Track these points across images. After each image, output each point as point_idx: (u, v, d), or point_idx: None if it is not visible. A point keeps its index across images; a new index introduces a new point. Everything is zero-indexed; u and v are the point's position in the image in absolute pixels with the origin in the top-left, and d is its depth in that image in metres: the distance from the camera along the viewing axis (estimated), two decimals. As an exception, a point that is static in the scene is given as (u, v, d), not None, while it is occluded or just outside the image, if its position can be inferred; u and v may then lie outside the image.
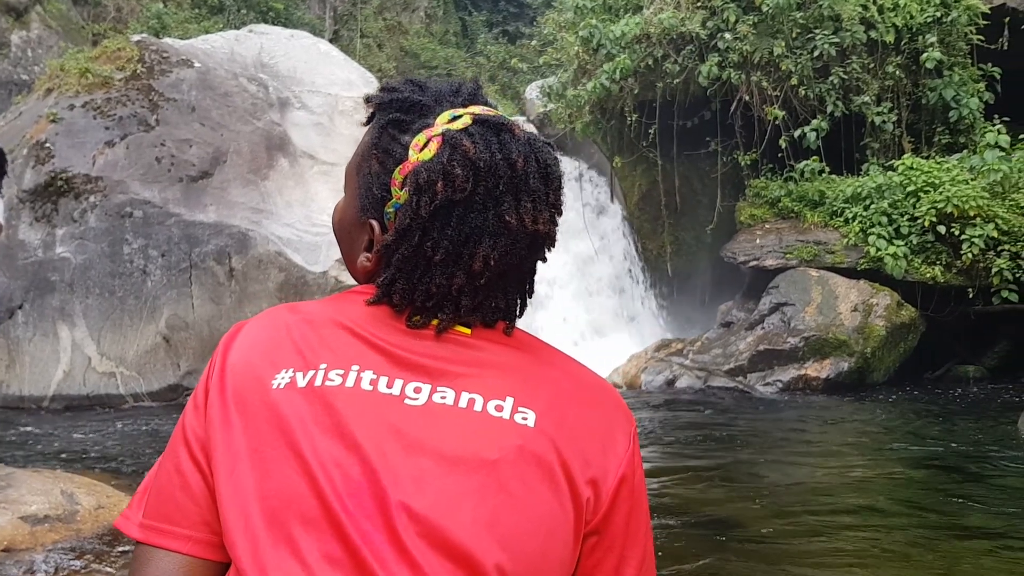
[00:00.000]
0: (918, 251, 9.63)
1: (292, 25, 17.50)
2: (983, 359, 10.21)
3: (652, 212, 12.64)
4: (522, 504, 0.88)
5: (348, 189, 1.08)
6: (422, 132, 0.98)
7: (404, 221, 0.95)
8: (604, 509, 0.93)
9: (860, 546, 3.91)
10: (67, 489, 4.27)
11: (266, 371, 0.93)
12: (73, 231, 8.85)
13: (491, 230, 0.95)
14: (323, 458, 0.87)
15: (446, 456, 0.88)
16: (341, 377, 0.91)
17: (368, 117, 1.07)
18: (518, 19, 27.43)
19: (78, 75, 9.67)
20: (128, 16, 18.76)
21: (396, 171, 0.98)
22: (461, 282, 0.95)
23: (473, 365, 0.95)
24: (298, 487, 0.86)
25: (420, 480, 0.86)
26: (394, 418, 0.89)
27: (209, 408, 0.94)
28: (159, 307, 8.80)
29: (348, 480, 0.86)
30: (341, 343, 0.95)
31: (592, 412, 0.97)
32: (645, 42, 11.15)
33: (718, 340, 10.03)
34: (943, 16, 10.57)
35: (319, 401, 0.90)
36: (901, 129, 10.84)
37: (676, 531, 4.14)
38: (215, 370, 0.96)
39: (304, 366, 0.93)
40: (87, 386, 8.47)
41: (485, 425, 0.90)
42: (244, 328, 1.00)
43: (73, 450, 6.29)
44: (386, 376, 0.92)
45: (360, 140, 1.07)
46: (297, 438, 0.88)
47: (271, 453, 0.88)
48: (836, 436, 6.93)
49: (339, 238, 1.10)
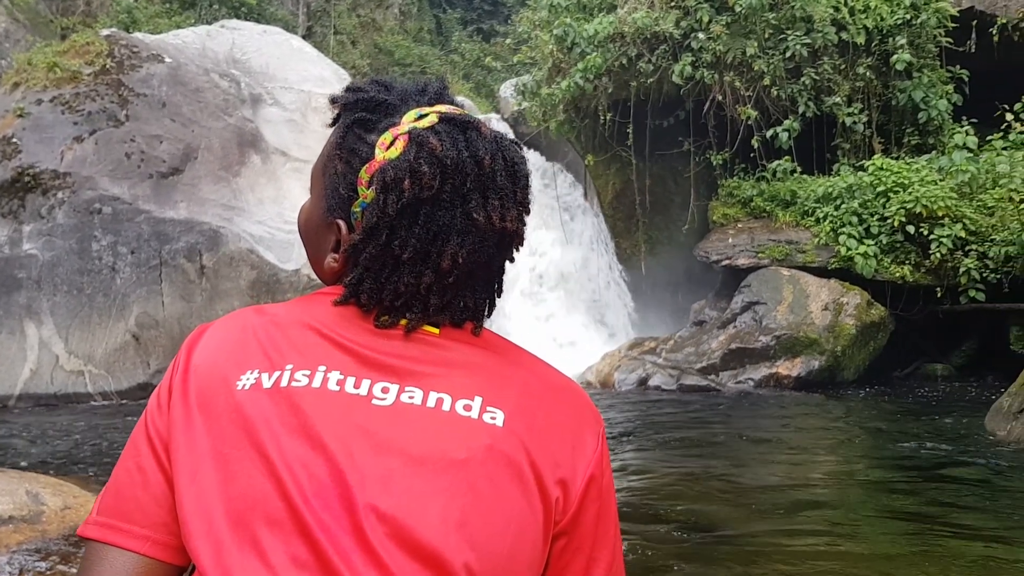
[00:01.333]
0: (887, 251, 9.75)
1: (265, 21, 17.37)
2: (951, 357, 10.36)
3: (626, 211, 12.69)
4: (491, 504, 0.87)
5: (314, 190, 1.06)
6: (388, 131, 0.97)
7: (371, 220, 0.95)
8: (573, 509, 0.92)
9: (833, 543, 3.95)
10: (32, 489, 4.20)
11: (231, 372, 0.92)
12: (41, 228, 8.72)
13: (459, 228, 0.94)
14: (289, 459, 0.86)
15: (414, 456, 0.87)
16: (307, 377, 0.90)
17: (334, 118, 1.06)
18: (492, 17, 27.43)
19: (46, 69, 9.52)
20: (97, 10, 18.52)
21: (362, 170, 0.97)
22: (430, 280, 0.95)
23: (441, 365, 0.94)
24: (263, 489, 0.85)
25: (388, 480, 0.86)
26: (361, 418, 0.89)
27: (172, 409, 0.92)
28: (128, 305, 8.70)
29: (314, 481, 0.85)
30: (308, 344, 0.94)
31: (561, 412, 0.96)
32: (619, 41, 11.19)
33: (691, 339, 10.08)
34: (913, 18, 10.71)
35: (285, 402, 0.89)
36: (871, 130, 10.97)
37: (648, 531, 4.15)
38: (178, 371, 0.95)
39: (270, 367, 0.92)
40: (55, 385, 8.35)
41: (453, 425, 0.90)
42: (209, 329, 0.99)
43: (40, 450, 6.20)
44: (353, 376, 0.91)
45: (327, 140, 1.06)
46: (262, 439, 0.87)
47: (235, 455, 0.87)
48: (807, 434, 7.00)
49: (305, 240, 1.08)
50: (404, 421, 0.89)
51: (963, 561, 3.66)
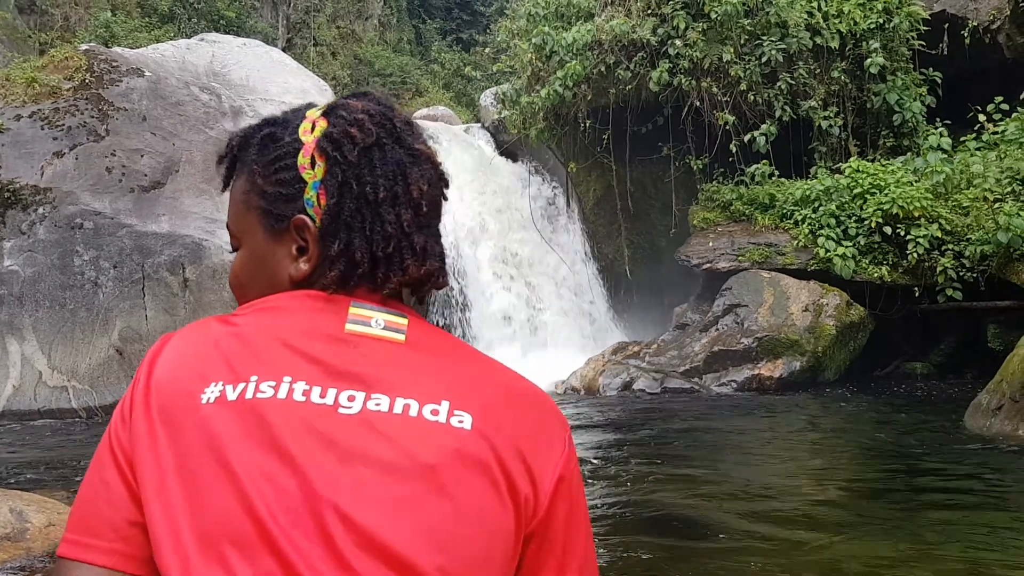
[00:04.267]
0: (865, 251, 9.85)
1: (244, 34, 17.37)
2: (930, 356, 10.47)
3: (607, 217, 12.77)
4: (462, 507, 0.88)
5: (243, 233, 1.06)
6: (301, 123, 1.03)
7: (336, 178, 0.99)
8: (543, 510, 0.93)
9: (818, 543, 3.99)
10: (16, 507, 4.19)
11: (194, 385, 0.91)
12: (22, 243, 8.69)
13: (410, 160, 1.01)
14: (255, 474, 0.85)
15: (383, 463, 0.88)
16: (273, 389, 0.90)
17: (229, 160, 1.09)
18: (472, 27, 27.50)
19: (25, 84, 9.51)
20: (76, 25, 18.47)
21: (299, 158, 1.00)
22: (409, 216, 0.99)
23: (408, 371, 0.95)
24: (229, 506, 0.84)
25: (357, 490, 0.86)
26: (328, 428, 0.88)
27: (134, 423, 0.91)
28: (111, 319, 8.68)
29: (282, 495, 0.85)
30: (273, 354, 0.93)
31: (528, 416, 0.98)
32: (597, 49, 11.28)
33: (673, 342, 10.15)
34: (885, 22, 10.86)
35: (250, 414, 0.88)
36: (847, 133, 11.09)
37: (633, 533, 4.18)
38: (140, 384, 0.93)
39: (234, 379, 0.90)
40: (38, 401, 8.32)
41: (421, 430, 0.90)
42: (171, 341, 0.97)
43: (24, 467, 6.17)
44: (319, 386, 0.91)
45: (233, 189, 1.07)
46: (227, 454, 0.86)
47: (201, 471, 0.86)
48: (790, 434, 7.06)
49: (248, 280, 1.06)
50: (371, 429, 0.89)
51: (946, 558, 3.71)
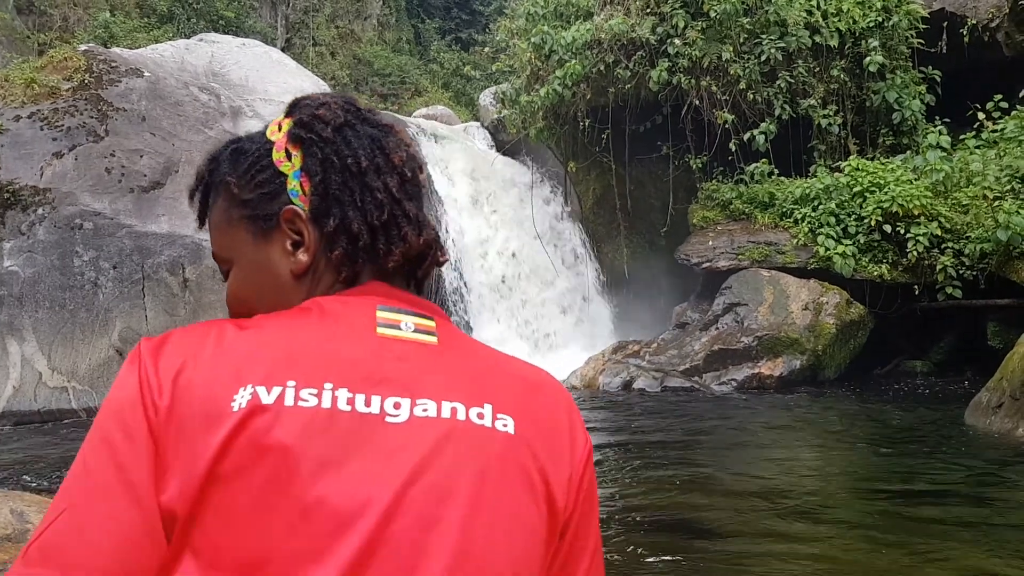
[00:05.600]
0: (865, 250, 9.86)
1: (243, 34, 17.36)
2: (930, 354, 10.46)
3: (607, 216, 12.77)
4: (513, 516, 0.87)
5: (232, 252, 1.02)
6: (266, 130, 1.03)
7: (316, 156, 0.98)
8: (571, 512, 0.93)
9: (817, 541, 3.98)
10: (17, 508, 4.18)
11: (221, 390, 0.83)
12: (21, 244, 8.69)
13: (381, 133, 1.01)
14: (314, 490, 0.80)
15: (440, 474, 0.84)
16: (315, 396, 0.83)
17: (203, 189, 1.05)
18: (471, 26, 27.50)
19: (24, 85, 9.50)
20: (75, 25, 18.46)
21: (272, 155, 0.99)
22: (396, 183, 0.99)
23: (446, 374, 0.91)
24: (287, 526, 0.78)
25: (425, 510, 0.82)
26: (380, 440, 0.84)
27: (159, 439, 0.81)
28: (111, 320, 8.68)
29: (347, 523, 0.79)
30: (307, 358, 0.86)
31: (556, 413, 0.97)
32: (596, 48, 11.27)
33: (674, 341, 10.15)
34: (884, 21, 10.86)
35: (295, 423, 0.81)
36: (846, 131, 11.09)
37: (634, 532, 4.18)
38: (150, 390, 0.83)
39: (267, 383, 0.83)
40: (38, 401, 8.31)
41: (471, 435, 0.87)
42: (173, 340, 0.88)
43: (24, 468, 6.16)
44: (363, 393, 0.85)
45: (213, 217, 1.04)
46: (278, 469, 0.79)
47: (248, 489, 0.79)
48: (791, 433, 7.05)
49: (249, 297, 1.00)
50: (421, 437, 0.85)
51: (947, 557, 3.71)
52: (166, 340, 0.88)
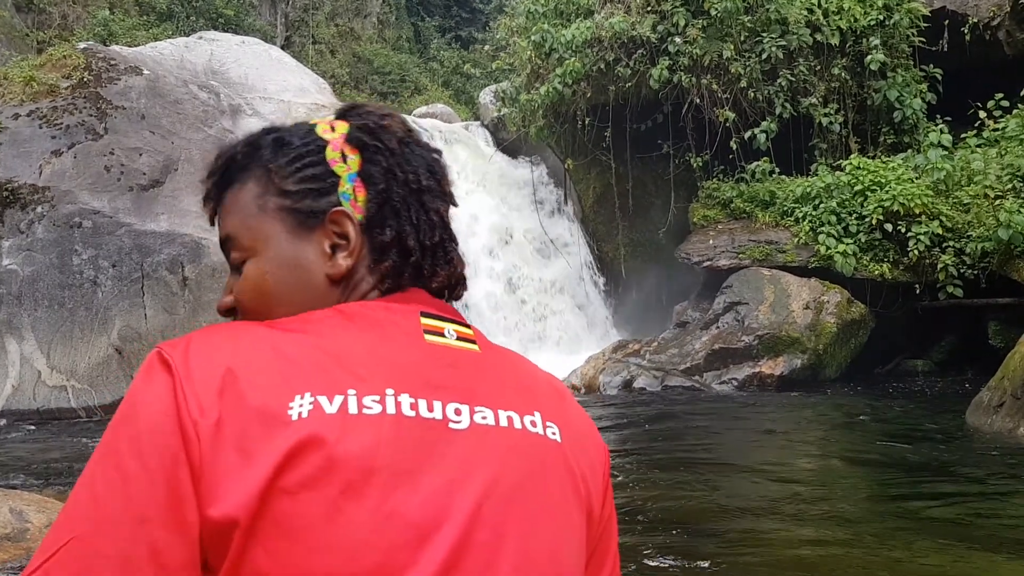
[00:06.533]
0: (866, 249, 9.84)
1: (243, 31, 17.33)
2: (931, 353, 10.45)
3: (607, 214, 12.75)
4: (569, 524, 0.87)
5: (257, 243, 0.94)
6: (318, 124, 1.00)
7: (380, 165, 0.95)
8: (601, 515, 0.94)
9: (818, 541, 3.98)
10: (16, 507, 4.18)
11: (276, 397, 0.77)
12: (20, 242, 8.67)
13: (435, 156, 1.01)
14: (389, 501, 0.77)
15: (507, 483, 0.83)
16: (378, 404, 0.80)
17: (224, 169, 1.00)
18: (471, 24, 27.48)
19: (23, 83, 9.48)
20: (74, 23, 18.43)
21: (327, 153, 0.96)
22: (445, 209, 0.99)
23: (495, 382, 0.90)
24: (364, 539, 0.75)
25: (497, 520, 0.81)
26: (444, 447, 0.82)
27: (205, 458, 0.75)
28: (111, 318, 8.66)
29: (427, 539, 0.77)
30: (363, 364, 0.83)
31: (584, 421, 0.97)
32: (596, 46, 11.25)
33: (674, 340, 10.14)
34: (886, 19, 10.84)
35: (365, 432, 0.78)
36: (848, 130, 11.07)
37: (636, 529, 4.17)
38: (190, 408, 0.76)
39: (327, 390, 0.79)
40: (37, 400, 8.30)
41: (528, 444, 0.87)
42: (210, 347, 0.81)
43: (23, 467, 6.15)
44: (424, 399, 0.83)
45: (237, 200, 0.98)
46: (356, 487, 0.76)
47: (326, 513, 0.75)
48: (791, 432, 7.04)
49: (275, 295, 0.93)
50: (485, 445, 0.84)
51: (947, 556, 3.70)
52: (195, 347, 0.80)
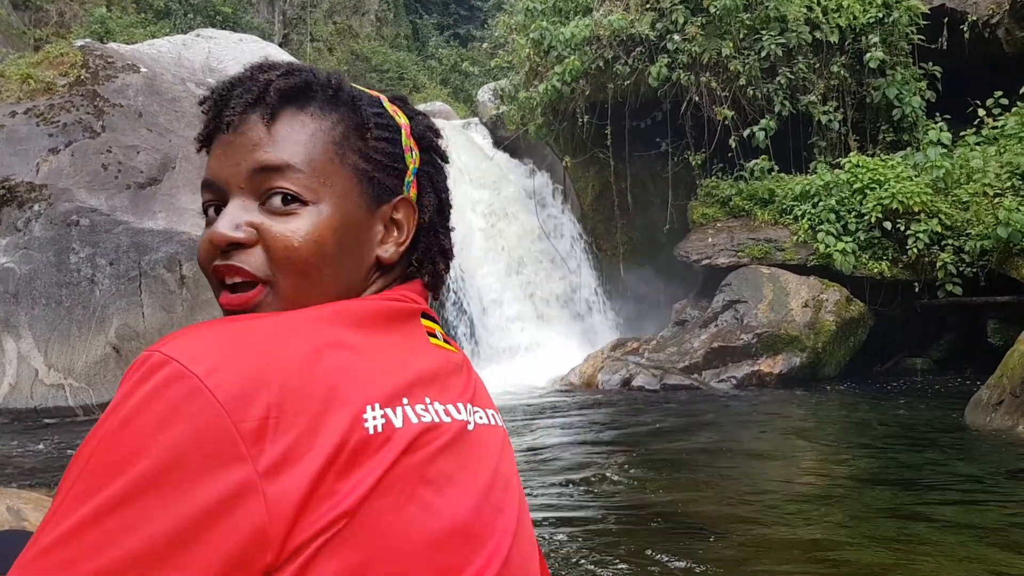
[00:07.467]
0: (865, 247, 9.83)
1: (240, 29, 17.30)
2: (930, 351, 10.45)
3: (605, 212, 12.74)
4: (523, 495, 0.94)
5: (326, 189, 0.85)
6: (381, 99, 0.97)
7: (429, 174, 0.98)
8: None
9: (817, 540, 3.98)
10: (14, 505, 4.16)
11: (345, 417, 0.73)
12: (17, 241, 8.64)
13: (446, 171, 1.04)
14: (456, 517, 0.80)
15: (500, 474, 0.88)
16: (425, 412, 0.81)
17: (295, 90, 0.88)
18: (469, 22, 27.45)
19: (19, 81, 9.45)
20: (71, 21, 18.39)
21: (403, 138, 0.93)
22: (448, 222, 1.02)
23: (475, 381, 0.94)
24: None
25: (513, 519, 0.87)
26: (472, 449, 0.85)
27: (282, 494, 0.70)
28: (108, 317, 8.63)
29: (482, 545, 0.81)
30: (399, 369, 0.82)
31: None
32: (595, 44, 11.23)
33: (673, 338, 10.13)
34: (885, 17, 10.83)
35: (430, 442, 0.79)
36: (847, 127, 11.06)
37: (632, 527, 4.17)
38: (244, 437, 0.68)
39: (388, 401, 0.78)
40: (35, 399, 8.28)
41: (501, 436, 0.92)
42: (255, 338, 0.74)
43: (21, 465, 6.14)
44: (450, 403, 0.85)
45: (305, 132, 0.86)
46: (426, 496, 0.77)
47: (404, 523, 0.76)
48: (790, 430, 7.04)
49: (335, 257, 0.85)
50: (488, 444, 0.87)
51: (947, 555, 3.69)
52: (223, 338, 0.73)
